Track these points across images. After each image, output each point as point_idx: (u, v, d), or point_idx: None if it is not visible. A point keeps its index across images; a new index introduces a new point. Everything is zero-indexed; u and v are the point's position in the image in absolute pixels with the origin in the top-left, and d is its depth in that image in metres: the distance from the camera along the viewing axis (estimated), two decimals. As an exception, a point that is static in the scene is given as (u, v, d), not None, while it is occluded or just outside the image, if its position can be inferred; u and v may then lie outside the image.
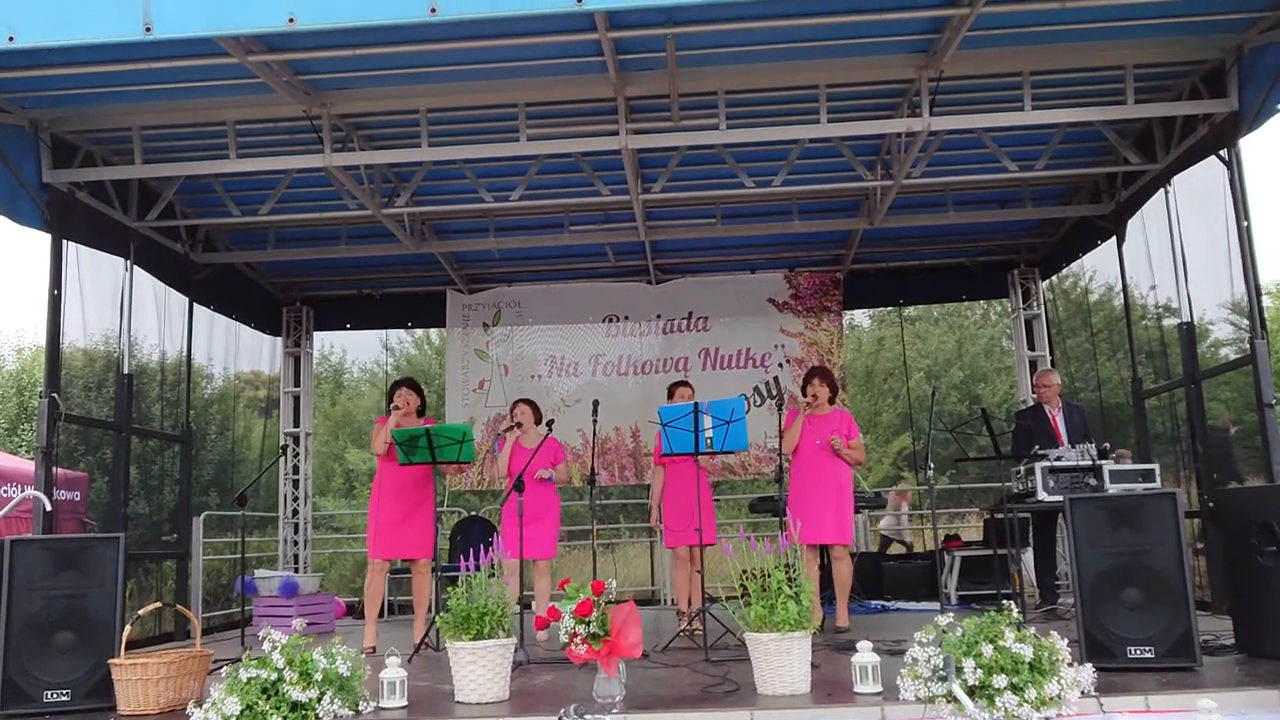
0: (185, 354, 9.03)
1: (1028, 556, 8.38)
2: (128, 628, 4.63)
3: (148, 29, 4.55)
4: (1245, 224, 6.47)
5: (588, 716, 2.90)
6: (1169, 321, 7.94)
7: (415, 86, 6.60)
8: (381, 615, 7.41)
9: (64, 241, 7.08)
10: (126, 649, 4.68)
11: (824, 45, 6.24)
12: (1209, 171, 6.90)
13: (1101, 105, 6.93)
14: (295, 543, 10.58)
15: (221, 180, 7.83)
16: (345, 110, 6.82)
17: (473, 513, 10.80)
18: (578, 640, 4.33)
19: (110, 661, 4.58)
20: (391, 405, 6.89)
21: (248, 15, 4.61)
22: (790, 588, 4.51)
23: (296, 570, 10.25)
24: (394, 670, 4.52)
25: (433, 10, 4.47)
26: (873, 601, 8.69)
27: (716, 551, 6.84)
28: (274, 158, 7.13)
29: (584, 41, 5.84)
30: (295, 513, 10.63)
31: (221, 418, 10.57)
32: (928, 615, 7.89)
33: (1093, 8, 5.81)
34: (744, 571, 4.73)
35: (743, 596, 4.69)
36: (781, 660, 4.40)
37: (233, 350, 10.29)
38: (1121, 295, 8.65)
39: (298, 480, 10.72)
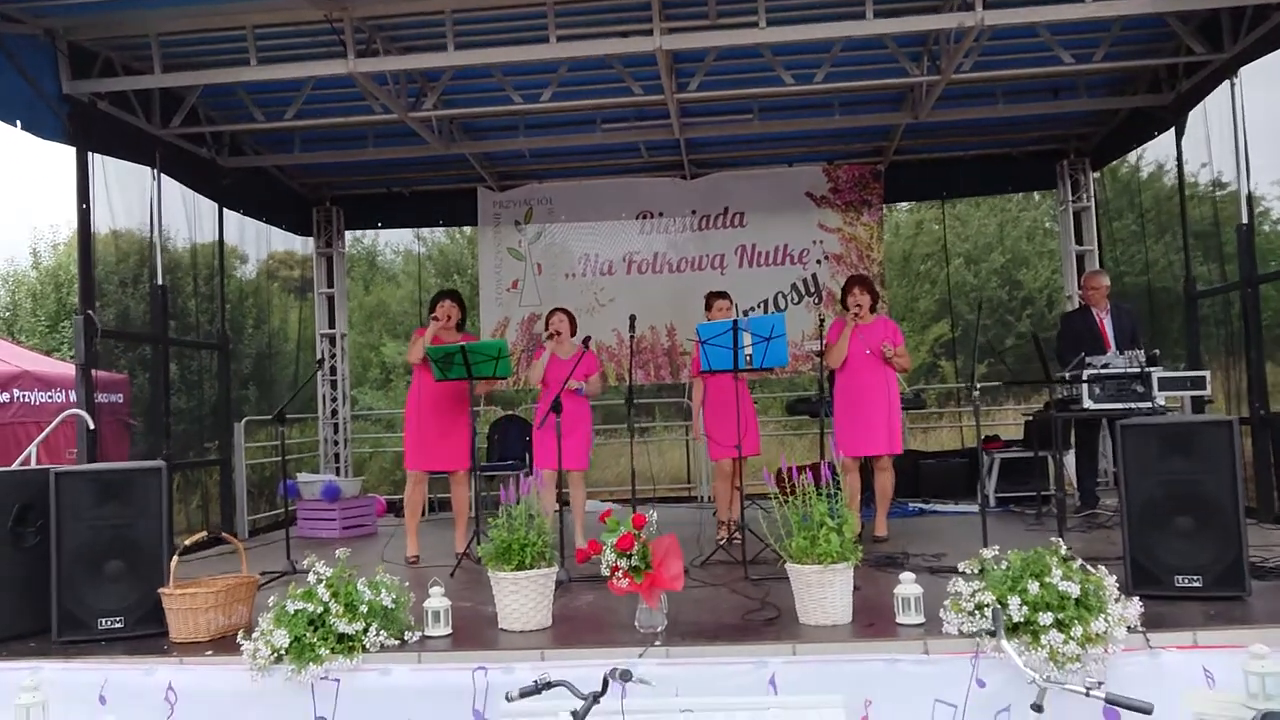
0: (218, 260, 8.97)
1: (1069, 458, 8.29)
2: (174, 559, 4.69)
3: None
4: (1317, 122, 6.11)
5: (631, 680, 2.88)
6: (1220, 194, 7.61)
7: (440, -14, 6.31)
8: (423, 515, 7.49)
9: (89, 153, 6.96)
10: (180, 554, 4.76)
11: (872, -65, 5.86)
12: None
13: (1167, -7, 6.49)
14: (335, 442, 10.71)
15: (244, 85, 7.60)
16: (367, 13, 6.53)
17: (509, 412, 10.83)
18: (619, 574, 4.33)
19: (160, 591, 4.65)
20: (431, 316, 6.80)
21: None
22: (832, 519, 4.46)
23: (338, 472, 10.40)
24: (438, 600, 4.56)
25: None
26: (910, 504, 8.69)
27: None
28: (296, 63, 6.90)
29: (616, -61, 5.51)
30: (334, 413, 10.72)
31: (257, 311, 10.59)
32: (966, 517, 7.95)
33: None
34: (778, 472, 4.67)
35: (780, 496, 4.61)
36: (823, 592, 4.39)
37: (264, 246, 10.25)
38: (1175, 176, 8.26)
39: (335, 381, 10.77)
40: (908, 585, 4.37)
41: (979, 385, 5.81)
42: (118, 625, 4.73)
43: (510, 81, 7.69)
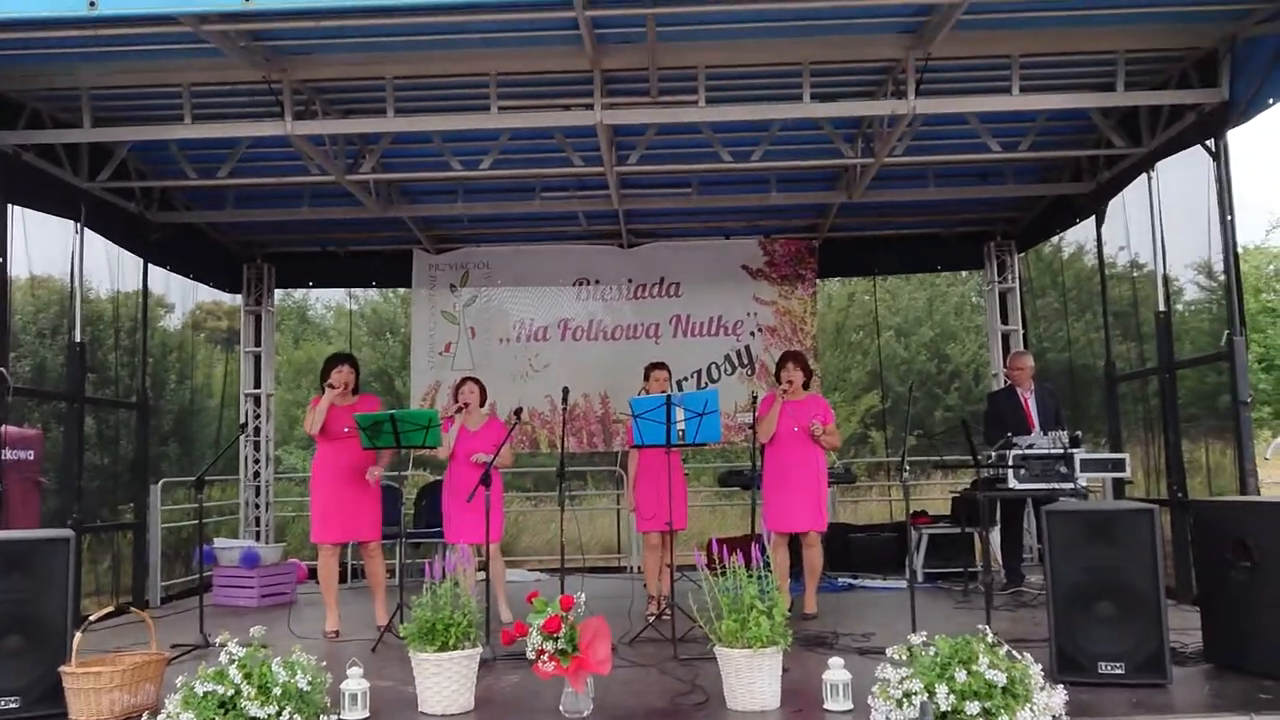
0: (141, 314, 8.71)
1: (995, 535, 8.40)
2: (79, 634, 4.47)
3: (91, 4, 4.25)
4: (1229, 218, 6.38)
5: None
6: (1138, 275, 7.88)
7: (381, 54, 6.30)
8: (344, 580, 7.25)
9: (9, 206, 6.76)
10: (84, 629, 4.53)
11: (811, 24, 6.02)
12: (1194, 159, 6.78)
13: (1090, 91, 6.78)
14: (257, 505, 10.40)
15: (177, 142, 7.48)
16: (307, 76, 6.50)
17: (437, 478, 10.63)
18: (545, 657, 4.23)
19: (61, 669, 4.42)
20: (326, 384, 6.71)
21: (201, -7, 4.32)
22: (762, 601, 4.42)
23: (259, 536, 10.09)
24: (356, 681, 4.40)
25: (399, -7, 4.20)
26: (839, 578, 8.68)
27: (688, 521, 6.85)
28: (232, 122, 6.82)
29: (560, 19, 5.56)
30: (257, 475, 10.43)
31: (181, 365, 10.27)
32: (895, 593, 7.97)
33: (1089, -8, 5.62)
34: (708, 547, 4.62)
35: (710, 576, 4.56)
36: (752, 676, 4.33)
37: (191, 296, 10.03)
38: (1095, 256, 8.53)
39: (259, 442, 10.49)
40: (836, 671, 4.33)
41: (909, 463, 5.85)
42: (12, 706, 4.47)
43: (450, 148, 7.69)
